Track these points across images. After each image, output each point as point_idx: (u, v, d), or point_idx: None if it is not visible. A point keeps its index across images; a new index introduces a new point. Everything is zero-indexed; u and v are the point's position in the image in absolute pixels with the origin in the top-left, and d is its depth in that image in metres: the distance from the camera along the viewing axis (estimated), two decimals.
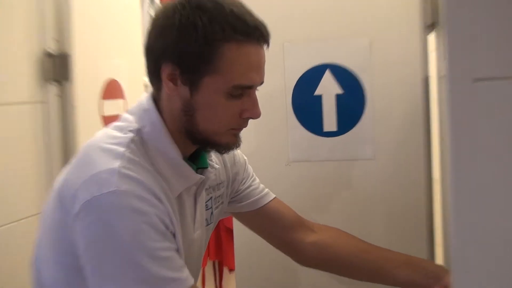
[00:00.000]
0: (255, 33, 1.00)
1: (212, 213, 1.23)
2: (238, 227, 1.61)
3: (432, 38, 1.54)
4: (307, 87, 1.59)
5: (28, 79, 1.67)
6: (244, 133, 1.22)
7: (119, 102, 2.05)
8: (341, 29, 1.56)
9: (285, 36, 1.57)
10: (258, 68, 1.04)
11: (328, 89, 1.57)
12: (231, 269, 2.81)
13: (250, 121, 1.46)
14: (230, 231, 2.07)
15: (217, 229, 2.79)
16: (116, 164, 0.94)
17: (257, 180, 1.37)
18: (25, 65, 1.66)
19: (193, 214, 1.13)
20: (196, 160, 1.12)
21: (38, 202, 1.68)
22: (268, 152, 1.63)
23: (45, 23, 1.72)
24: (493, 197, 0.62)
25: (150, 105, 1.06)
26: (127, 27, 2.14)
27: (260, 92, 1.35)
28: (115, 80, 2.00)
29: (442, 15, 0.67)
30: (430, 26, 1.50)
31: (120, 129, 1.03)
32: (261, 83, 1.06)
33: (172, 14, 0.99)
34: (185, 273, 0.97)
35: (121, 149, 0.97)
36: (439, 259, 1.59)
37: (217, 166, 1.18)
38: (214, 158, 1.18)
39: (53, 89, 1.75)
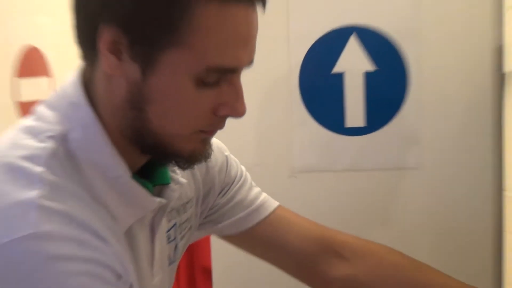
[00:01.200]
0: None
1: (176, 246, 0.94)
2: (218, 268, 1.30)
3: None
4: (322, 62, 1.23)
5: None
6: (228, 133, 0.83)
7: (43, 81, 1.68)
8: None
9: None
10: (246, 42, 0.72)
11: (354, 64, 1.22)
12: None
13: (256, 118, 1.33)
14: (207, 272, 1.74)
15: (191, 269, 2.49)
16: (33, 193, 0.67)
17: (249, 183, 1.03)
18: None
19: (150, 253, 0.85)
20: (151, 175, 0.82)
21: None
22: (264, 159, 1.31)
23: None
24: None
25: (80, 96, 0.73)
26: None
27: (252, 74, 0.89)
28: (36, 48, 1.67)
29: None
30: None
31: (33, 133, 0.72)
32: (250, 63, 0.74)
33: None
34: None
35: (38, 168, 0.69)
36: None
37: (183, 180, 0.86)
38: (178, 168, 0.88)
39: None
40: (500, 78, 1.23)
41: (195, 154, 0.78)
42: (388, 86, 1.22)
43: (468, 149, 1.26)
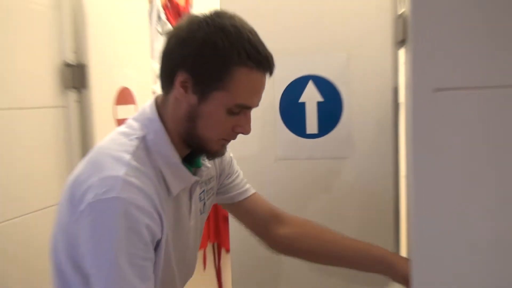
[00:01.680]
0: (264, 63, 1.00)
1: (205, 204, 1.24)
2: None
3: (402, 52, 1.55)
4: (293, 95, 1.60)
5: (50, 87, 1.69)
6: (243, 138, 1.21)
7: (130, 107, 2.06)
8: (323, 44, 1.57)
9: (274, 51, 1.46)
10: (258, 94, 1.05)
11: (311, 97, 1.59)
12: (227, 250, 2.85)
13: (252, 128, 1.41)
14: (226, 219, 2.13)
15: (216, 217, 2.84)
16: (122, 171, 0.94)
17: (241, 177, 1.37)
18: (48, 74, 1.68)
19: (188, 207, 1.14)
20: (191, 161, 1.12)
21: (58, 193, 1.73)
22: (259, 151, 1.65)
23: (64, 37, 1.73)
24: (449, 194, 0.64)
25: (154, 114, 1.05)
26: (137, 41, 2.16)
27: None
28: (127, 88, 2.02)
29: (409, 32, 0.68)
30: (401, 42, 1.52)
31: (126, 135, 1.03)
32: (257, 106, 1.07)
33: (197, 29, 0.97)
34: (150, 285, 0.97)
35: (127, 156, 0.97)
36: (404, 245, 1.62)
37: (208, 165, 1.19)
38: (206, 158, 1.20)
39: (72, 95, 1.77)
40: (396, 106, 1.55)
41: (217, 152, 1.11)
42: (331, 110, 1.57)
43: (378, 146, 1.56)
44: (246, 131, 1.07)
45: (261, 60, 0.99)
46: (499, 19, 0.62)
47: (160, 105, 1.06)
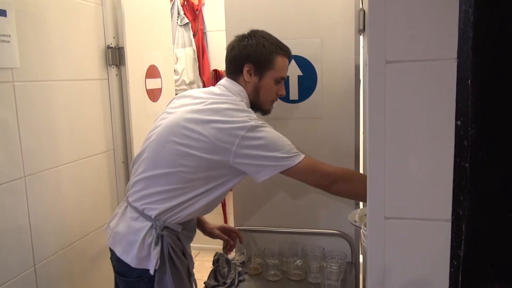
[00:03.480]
0: (288, 52, 1.40)
1: None
2: None
3: (362, 38, 1.68)
4: None
5: (97, 64, 1.82)
6: None
7: (157, 80, 2.15)
8: (302, 32, 1.69)
9: None
10: (287, 69, 1.43)
11: (293, 71, 1.71)
12: (230, 189, 2.93)
13: None
14: None
15: None
16: (249, 113, 1.29)
17: None
18: (95, 54, 1.81)
19: None
20: None
21: (104, 142, 1.86)
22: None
23: (107, 26, 1.86)
24: (394, 142, 0.68)
25: (242, 87, 1.39)
26: (162, 30, 2.25)
27: None
28: (154, 65, 2.13)
29: (367, 22, 0.78)
30: (362, 30, 1.65)
31: (231, 94, 1.36)
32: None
33: (248, 39, 1.37)
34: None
35: (243, 105, 1.33)
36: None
37: None
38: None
39: (113, 70, 1.90)
40: (358, 79, 1.68)
41: (270, 110, 1.46)
42: (308, 81, 1.70)
43: (344, 109, 1.69)
44: (283, 93, 1.44)
45: (286, 50, 1.39)
46: (432, 8, 0.65)
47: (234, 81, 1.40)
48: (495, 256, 0.64)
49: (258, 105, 1.40)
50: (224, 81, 1.40)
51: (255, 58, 1.35)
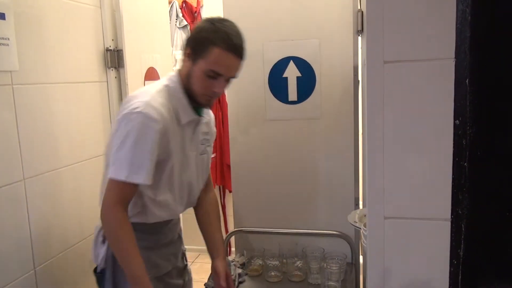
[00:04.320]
0: (232, 48, 1.21)
1: (205, 148, 1.41)
2: (234, 164, 1.83)
3: (360, 39, 1.69)
4: (278, 72, 1.74)
5: (96, 66, 1.82)
6: (241, 103, 1.49)
7: (155, 81, 2.08)
8: (301, 33, 1.70)
9: (264, 37, 1.73)
10: (227, 67, 1.23)
11: (292, 73, 1.73)
12: (230, 191, 3.03)
13: (246, 96, 1.71)
14: (229, 166, 2.18)
15: (221, 165, 3.02)
16: (147, 99, 1.19)
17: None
18: (94, 56, 1.80)
19: (190, 139, 1.32)
20: (197, 111, 1.33)
21: (103, 145, 1.78)
22: (253, 114, 1.79)
23: (106, 29, 1.86)
24: (393, 142, 0.68)
25: (175, 73, 1.30)
26: (160, 33, 2.25)
27: (248, 76, 1.62)
28: (153, 68, 2.12)
29: (365, 22, 0.76)
30: (360, 31, 1.65)
31: (159, 83, 1.29)
32: (230, 76, 1.25)
33: (201, 23, 1.26)
34: (144, 174, 1.16)
35: (154, 91, 1.23)
36: (360, 180, 1.76)
37: (204, 120, 1.38)
38: (205, 115, 1.38)
39: (112, 73, 1.89)
40: (356, 80, 1.68)
41: (203, 103, 1.29)
42: (307, 83, 1.71)
43: (342, 110, 1.69)
44: (219, 92, 1.26)
45: (231, 46, 1.20)
46: (430, 8, 0.65)
47: (181, 70, 1.31)
48: (494, 255, 0.64)
49: (192, 94, 1.28)
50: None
51: (194, 42, 1.25)
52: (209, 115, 1.41)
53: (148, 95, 1.21)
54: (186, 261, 1.51)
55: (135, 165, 1.15)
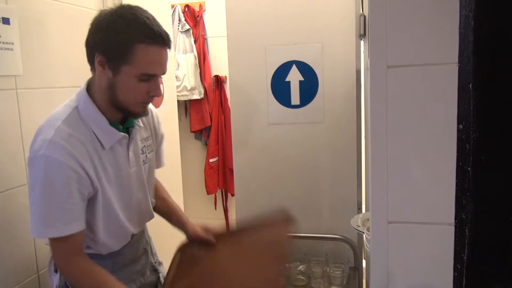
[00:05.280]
0: (159, 39, 1.03)
1: (146, 156, 1.25)
2: (236, 168, 1.83)
3: (363, 43, 1.69)
4: (281, 76, 1.73)
5: None
6: (244, 107, 1.46)
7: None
8: (303, 37, 1.69)
9: (267, 42, 1.72)
10: (159, 63, 1.05)
11: (294, 77, 1.72)
12: (232, 194, 3.05)
13: (248, 100, 1.69)
14: (231, 170, 2.22)
15: (223, 169, 3.01)
16: (50, 135, 1.01)
17: (163, 147, 1.37)
18: None
19: (126, 157, 1.16)
20: (125, 122, 1.17)
21: None
22: (256, 118, 1.78)
23: None
24: (396, 147, 0.68)
25: (82, 88, 1.11)
26: None
27: (250, 80, 1.63)
28: None
29: (368, 27, 0.75)
30: (362, 35, 1.65)
31: (65, 106, 1.11)
32: (163, 73, 1.08)
33: (103, 18, 1.04)
34: (74, 226, 1.05)
35: (59, 122, 1.04)
36: (363, 184, 1.76)
37: (141, 125, 1.22)
38: (140, 120, 1.22)
39: None
40: (359, 84, 1.68)
41: (139, 113, 1.11)
42: (310, 87, 1.70)
43: (345, 114, 1.68)
44: (158, 94, 1.09)
45: (155, 37, 1.02)
46: (433, 12, 0.66)
47: (91, 82, 1.13)
48: (499, 260, 0.64)
49: (121, 107, 1.09)
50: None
51: (109, 47, 1.02)
52: (145, 113, 1.19)
53: (52, 128, 1.02)
54: (159, 272, 1.38)
55: (48, 219, 1.02)
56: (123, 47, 1.01)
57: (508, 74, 0.60)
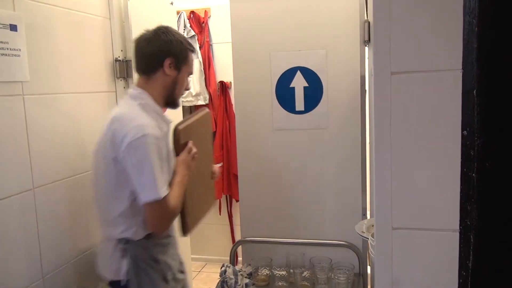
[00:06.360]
0: (193, 49, 1.46)
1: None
2: (241, 173, 1.85)
3: (367, 49, 1.71)
4: (285, 82, 1.76)
5: (105, 76, 1.84)
6: (248, 113, 1.50)
7: None
8: (307, 44, 1.71)
9: (271, 48, 1.75)
10: (193, 66, 1.49)
11: (299, 83, 1.75)
12: (237, 200, 3.02)
13: (253, 106, 1.75)
14: (236, 176, 2.21)
15: (228, 174, 3.03)
16: (142, 121, 1.30)
17: None
18: (103, 67, 1.82)
19: (167, 147, 1.43)
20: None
21: None
22: (261, 124, 1.80)
23: (115, 40, 1.88)
24: (400, 153, 0.68)
25: (138, 91, 1.40)
26: None
27: (255, 85, 1.66)
28: None
29: (372, 33, 0.73)
30: (366, 41, 1.66)
31: (129, 105, 1.38)
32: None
33: (166, 35, 1.39)
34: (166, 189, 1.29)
35: (139, 112, 1.34)
36: (367, 192, 1.77)
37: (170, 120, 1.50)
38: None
39: (121, 83, 1.91)
40: (363, 90, 1.69)
41: (179, 103, 1.51)
42: (314, 93, 1.73)
43: (349, 120, 1.70)
44: (189, 88, 1.51)
45: (193, 48, 1.46)
46: (437, 19, 0.66)
47: (142, 85, 1.41)
48: (504, 266, 0.64)
49: (172, 99, 1.44)
50: (131, 89, 1.44)
51: (176, 52, 1.39)
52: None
53: (136, 118, 1.30)
54: (182, 279, 1.58)
55: (157, 183, 1.26)
56: (184, 53, 1.42)
57: None
